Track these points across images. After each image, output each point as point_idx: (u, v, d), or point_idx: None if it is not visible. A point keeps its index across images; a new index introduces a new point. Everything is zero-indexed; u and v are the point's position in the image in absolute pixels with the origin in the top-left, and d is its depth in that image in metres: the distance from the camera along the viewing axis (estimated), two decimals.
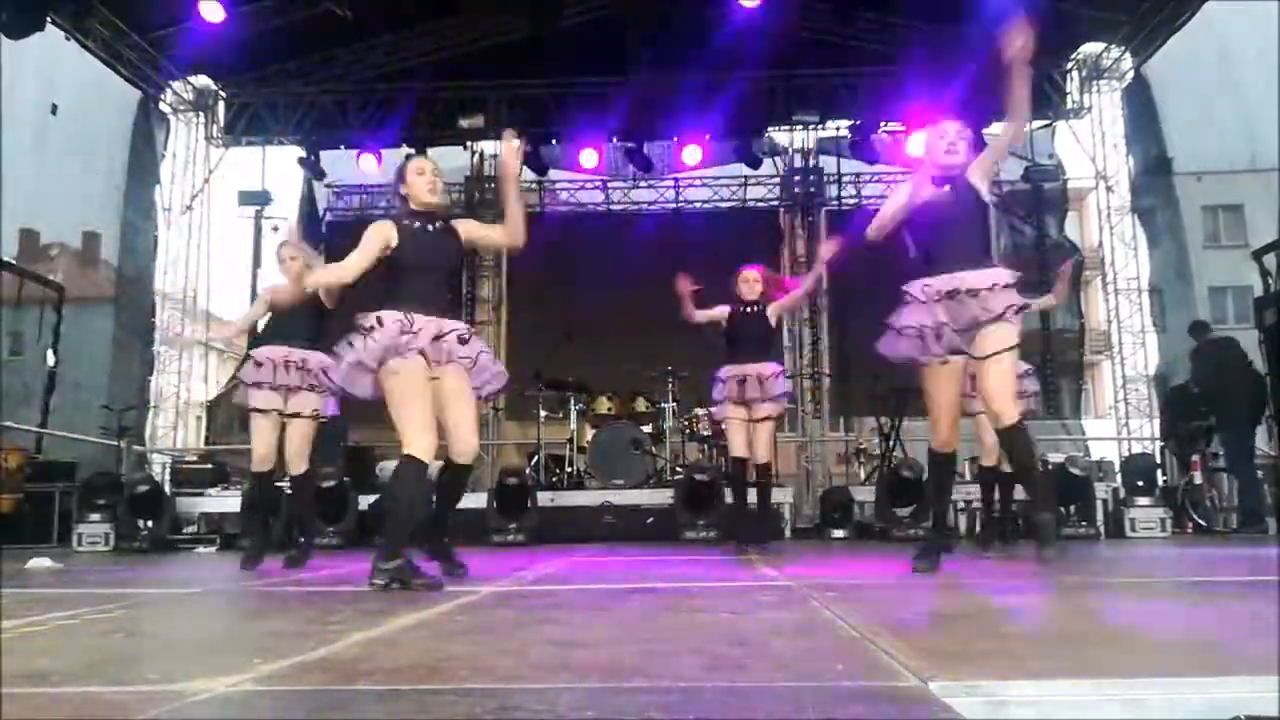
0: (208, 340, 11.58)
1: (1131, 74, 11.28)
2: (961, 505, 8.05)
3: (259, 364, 4.87)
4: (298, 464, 4.95)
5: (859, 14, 10.86)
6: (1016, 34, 3.64)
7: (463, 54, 11.12)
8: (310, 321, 4.96)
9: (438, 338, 3.52)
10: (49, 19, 8.90)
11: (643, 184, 12.89)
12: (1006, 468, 5.26)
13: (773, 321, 5.72)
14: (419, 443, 3.43)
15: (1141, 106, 11.33)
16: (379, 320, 3.45)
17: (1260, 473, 8.23)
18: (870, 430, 10.59)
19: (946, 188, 3.87)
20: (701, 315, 5.64)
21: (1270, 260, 9.05)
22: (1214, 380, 8.10)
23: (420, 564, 3.49)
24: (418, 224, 3.70)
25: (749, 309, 5.63)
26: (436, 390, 3.56)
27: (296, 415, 4.88)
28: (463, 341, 3.60)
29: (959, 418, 4.01)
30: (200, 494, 8.44)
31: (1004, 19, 3.66)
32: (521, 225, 3.87)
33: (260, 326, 5.27)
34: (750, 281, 5.64)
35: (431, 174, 3.77)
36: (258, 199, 13.08)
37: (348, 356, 3.46)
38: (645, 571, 4.52)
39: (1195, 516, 8.07)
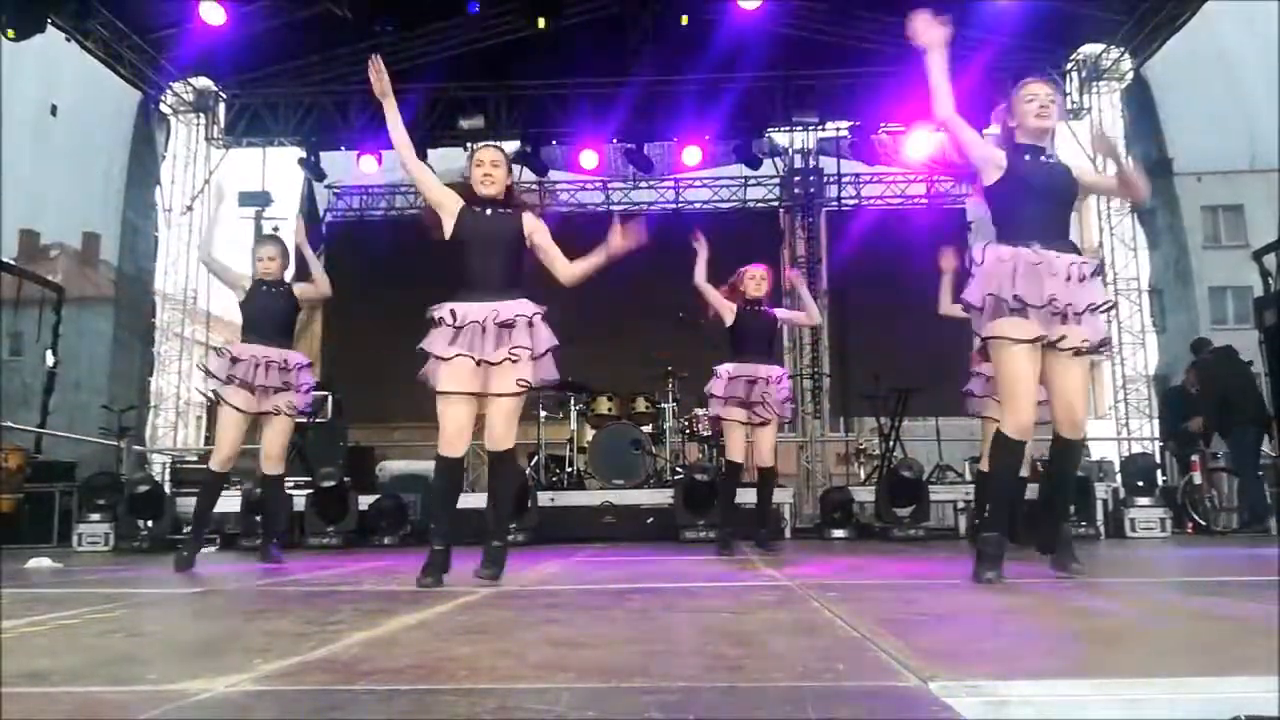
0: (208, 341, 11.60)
1: (1131, 74, 11.28)
2: (961, 505, 8.05)
3: (236, 359, 4.84)
4: (275, 464, 4.94)
5: (859, 14, 10.87)
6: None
7: (463, 54, 11.13)
8: (285, 320, 4.99)
9: (484, 328, 3.56)
10: (49, 20, 8.90)
11: (643, 184, 12.89)
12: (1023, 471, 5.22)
13: (779, 324, 5.65)
14: (446, 448, 3.62)
15: (1141, 107, 11.33)
16: (435, 319, 3.60)
17: (1259, 473, 8.24)
18: (870, 430, 10.60)
19: (1039, 158, 3.47)
20: (711, 291, 5.45)
21: (1270, 260, 9.05)
22: (1217, 385, 8.10)
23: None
24: (477, 208, 3.76)
25: (755, 308, 5.49)
26: (485, 383, 3.61)
27: (274, 413, 4.86)
28: (508, 326, 3.58)
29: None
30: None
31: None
32: (583, 274, 3.93)
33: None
34: (758, 279, 5.49)
35: (490, 165, 3.74)
36: (258, 199, 13.09)
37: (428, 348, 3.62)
38: (645, 571, 4.51)
39: (1195, 516, 8.08)
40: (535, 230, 3.82)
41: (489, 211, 3.75)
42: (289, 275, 5.25)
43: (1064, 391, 3.40)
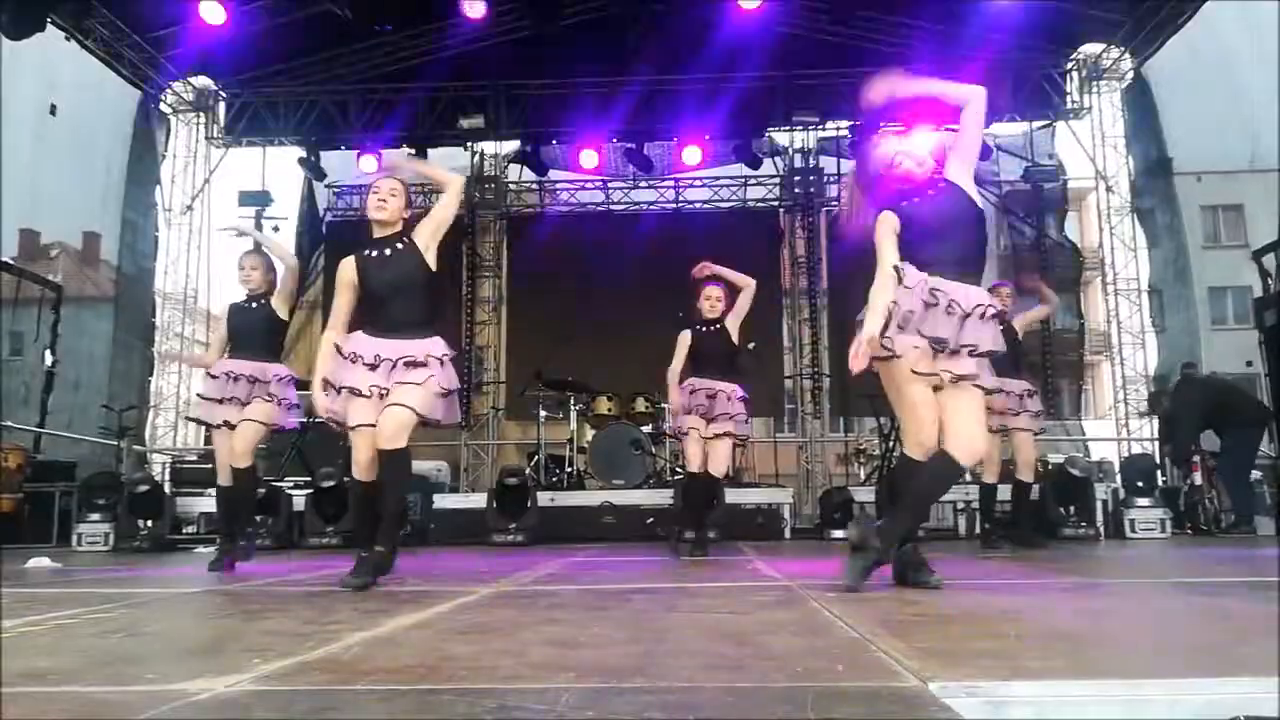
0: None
1: (1131, 74, 11.29)
2: (961, 506, 8.05)
3: (213, 377, 4.85)
4: (241, 459, 4.80)
5: (859, 14, 10.87)
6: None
7: (463, 54, 11.14)
8: (266, 334, 4.93)
9: (397, 364, 3.60)
10: (49, 19, 8.90)
11: (643, 184, 12.89)
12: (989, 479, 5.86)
13: (734, 338, 5.58)
14: (363, 474, 3.72)
15: (1141, 106, 11.33)
16: (342, 353, 3.67)
17: (1260, 473, 8.24)
18: (870, 430, 10.60)
19: (928, 192, 3.39)
20: (678, 366, 5.54)
21: (1270, 260, 9.05)
22: (1203, 407, 8.03)
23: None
24: (374, 252, 3.74)
25: (709, 328, 5.54)
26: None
27: (246, 419, 4.79)
28: (414, 365, 3.60)
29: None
30: (200, 494, 8.43)
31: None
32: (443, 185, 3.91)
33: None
34: (712, 300, 5.54)
35: (387, 192, 3.73)
36: (258, 199, 13.08)
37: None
38: (645, 571, 4.52)
39: (1197, 520, 8.08)
40: (423, 236, 3.75)
41: (386, 252, 3.71)
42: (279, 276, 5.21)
43: (959, 420, 3.24)
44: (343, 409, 3.66)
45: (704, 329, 5.55)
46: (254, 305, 4.97)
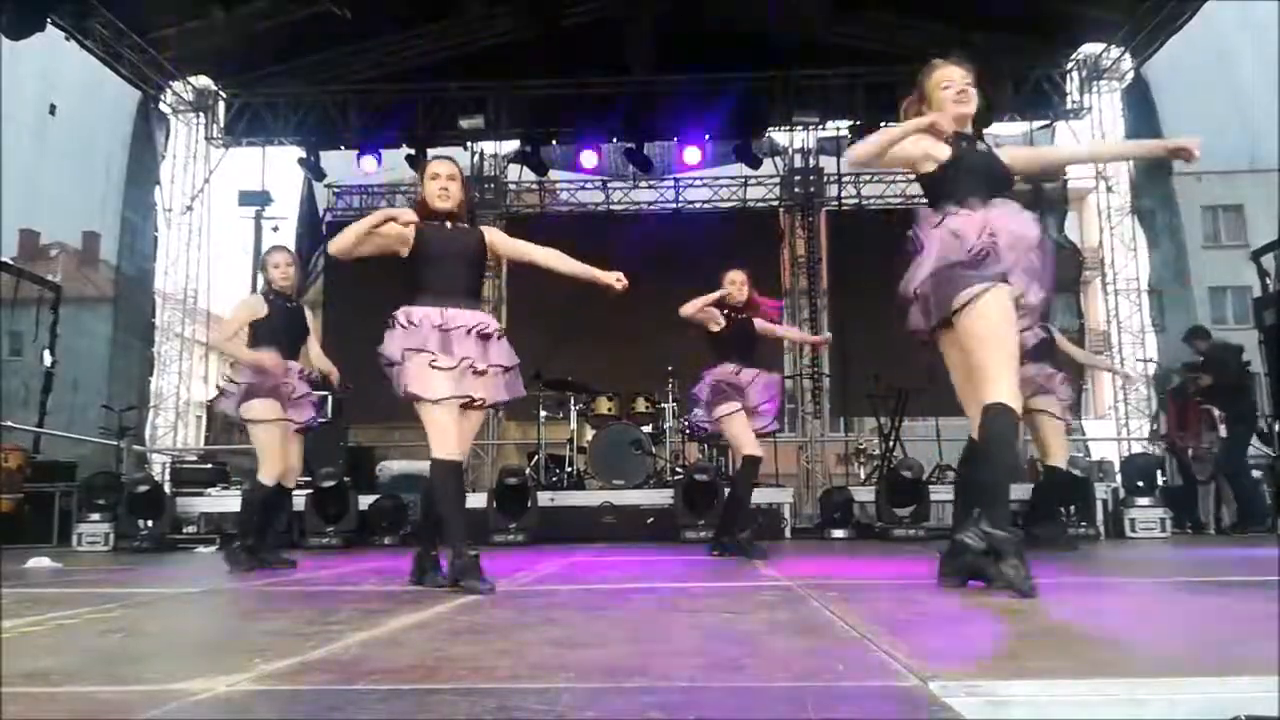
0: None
1: (1131, 74, 11.29)
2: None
3: (261, 370, 4.77)
4: (295, 476, 4.98)
5: (859, 14, 10.87)
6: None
7: (463, 54, 11.13)
8: (298, 335, 4.97)
9: (471, 331, 3.45)
10: (49, 19, 8.90)
11: (643, 184, 12.90)
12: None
13: (757, 330, 5.49)
14: (454, 450, 3.43)
15: (1141, 106, 11.33)
16: (409, 318, 3.43)
17: (1259, 473, 8.24)
18: (870, 430, 10.60)
19: (975, 144, 3.26)
20: (699, 309, 5.29)
21: (1270, 260, 9.05)
22: (1229, 379, 8.06)
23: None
24: (435, 223, 3.62)
25: (738, 313, 5.40)
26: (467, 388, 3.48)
27: (295, 427, 4.87)
28: (484, 337, 3.48)
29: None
30: (200, 494, 8.44)
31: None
32: (566, 268, 3.84)
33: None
34: (739, 284, 5.39)
35: (446, 179, 3.61)
36: (258, 199, 13.11)
37: (389, 350, 3.44)
38: (645, 571, 4.52)
39: (1197, 517, 8.09)
40: (495, 239, 3.79)
41: (449, 225, 3.62)
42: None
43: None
44: (422, 379, 3.39)
45: (733, 313, 5.38)
46: (289, 305, 4.98)
